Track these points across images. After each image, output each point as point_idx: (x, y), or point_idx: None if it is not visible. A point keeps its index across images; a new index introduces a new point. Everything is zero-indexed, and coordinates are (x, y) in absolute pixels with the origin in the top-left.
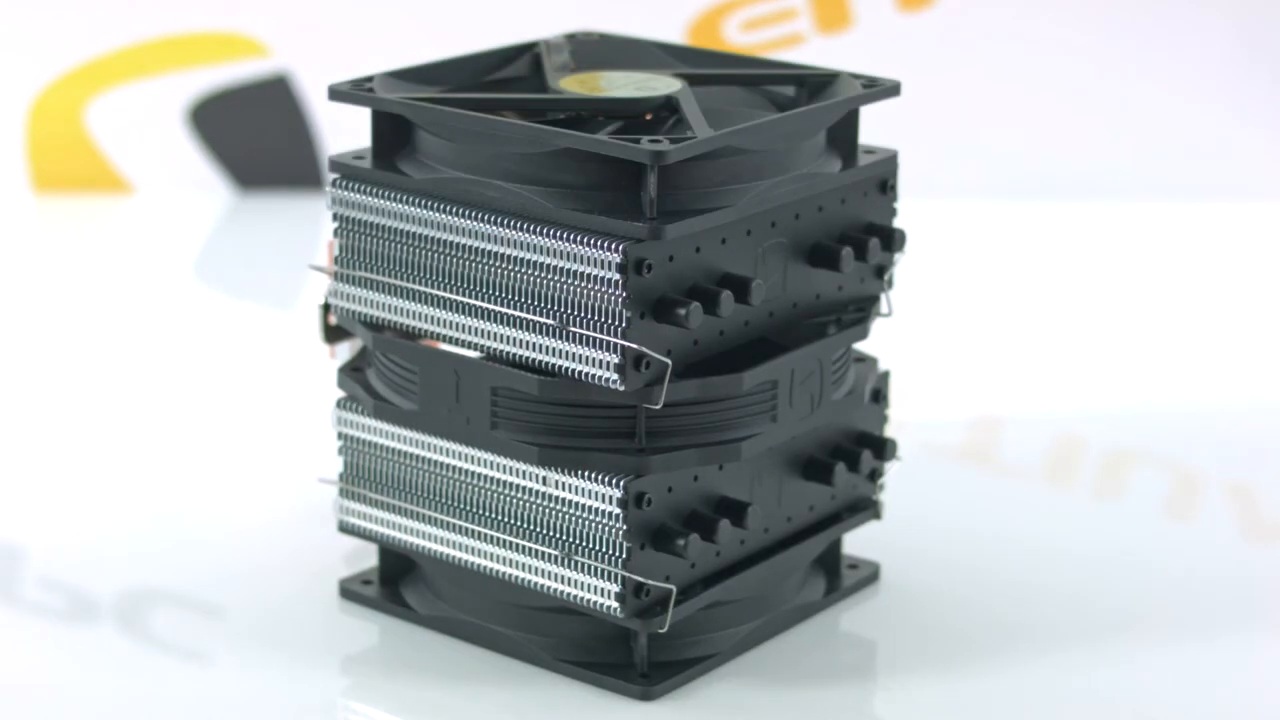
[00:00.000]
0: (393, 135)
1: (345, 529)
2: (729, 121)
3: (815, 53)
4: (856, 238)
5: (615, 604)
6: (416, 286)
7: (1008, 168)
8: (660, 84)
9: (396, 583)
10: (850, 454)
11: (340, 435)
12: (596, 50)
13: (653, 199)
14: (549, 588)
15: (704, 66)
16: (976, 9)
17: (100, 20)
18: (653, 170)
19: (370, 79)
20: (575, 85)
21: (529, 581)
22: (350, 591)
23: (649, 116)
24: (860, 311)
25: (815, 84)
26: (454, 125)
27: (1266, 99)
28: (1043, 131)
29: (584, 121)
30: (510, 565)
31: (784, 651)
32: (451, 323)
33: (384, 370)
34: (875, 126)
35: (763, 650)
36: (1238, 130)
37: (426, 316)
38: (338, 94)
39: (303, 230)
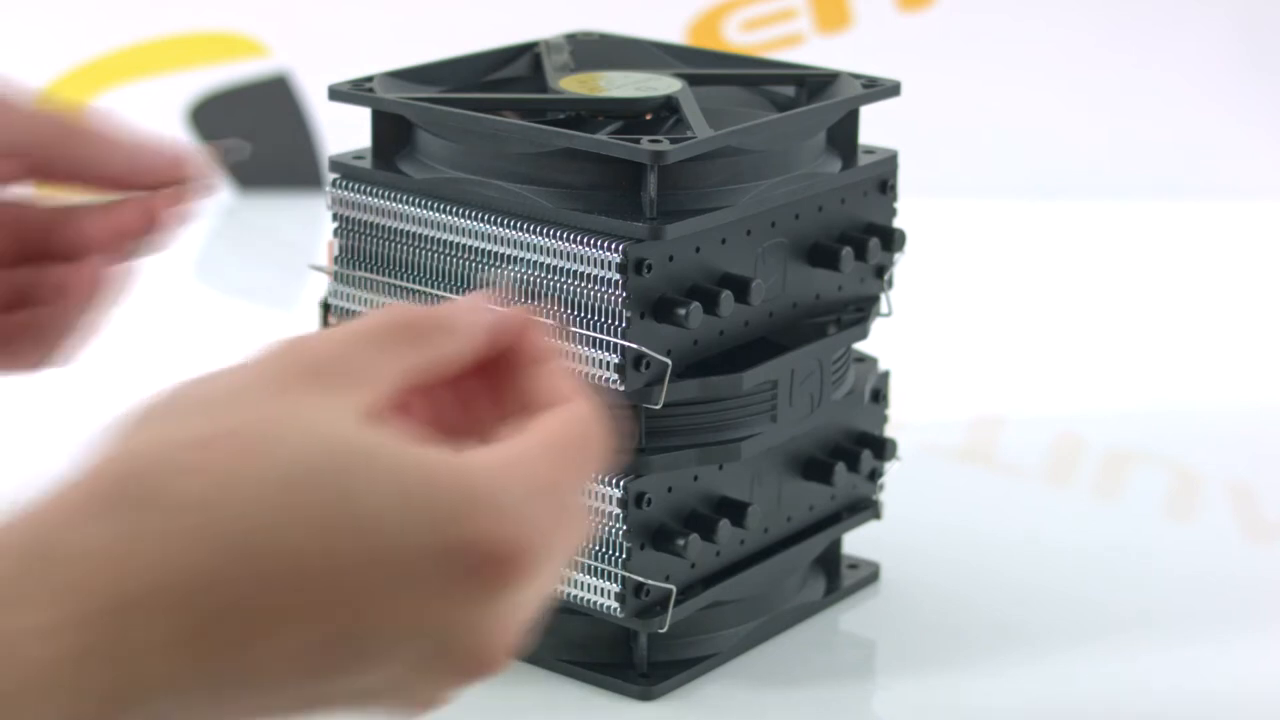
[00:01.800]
0: (392, 135)
1: None
2: (729, 121)
3: (815, 53)
4: (856, 238)
5: (615, 604)
6: (416, 286)
7: (1008, 168)
8: (660, 84)
9: None
10: (850, 454)
11: None
12: (596, 50)
13: (653, 199)
14: None
15: (704, 66)
16: (976, 9)
17: (100, 20)
18: (653, 170)
19: (370, 79)
20: (575, 85)
21: None
22: None
23: (649, 116)
24: (860, 312)
25: (815, 84)
26: (453, 125)
27: (1266, 99)
28: (1043, 131)
29: (584, 121)
30: None
31: (784, 651)
32: None
33: None
34: (875, 126)
35: (763, 650)
36: (1238, 130)
37: None
38: (338, 94)
39: (303, 230)
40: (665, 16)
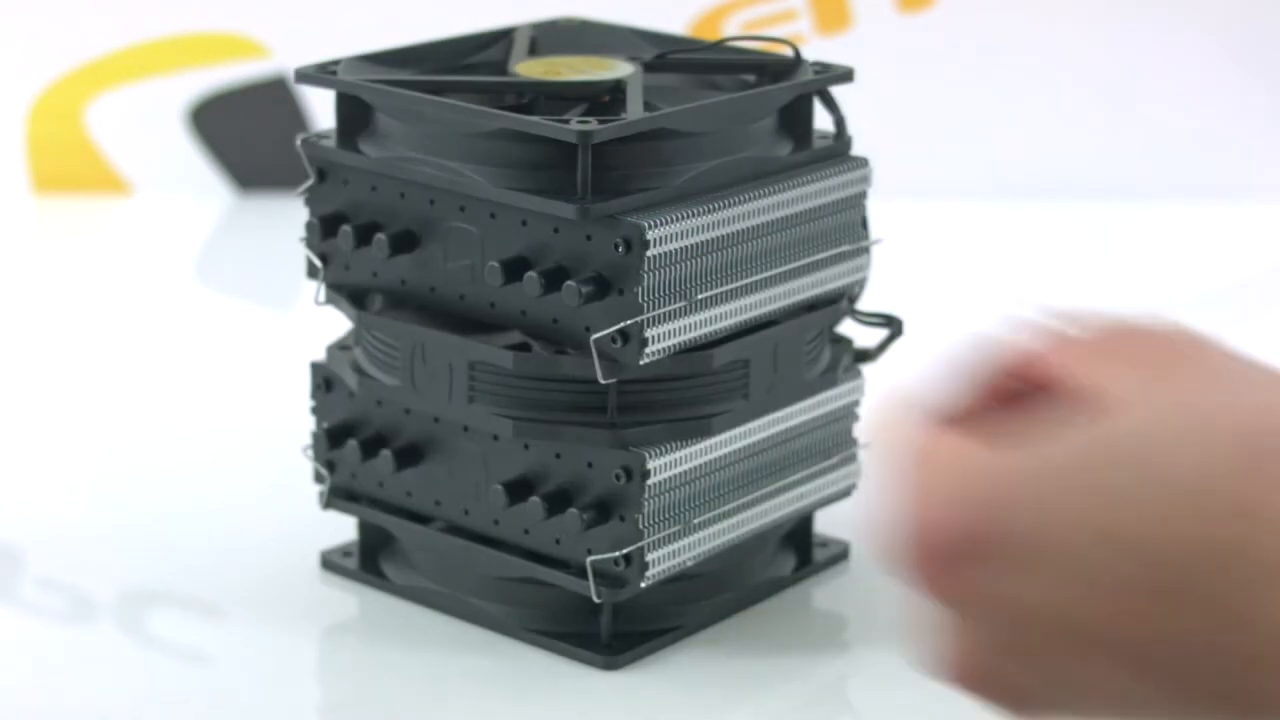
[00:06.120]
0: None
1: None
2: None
3: (815, 53)
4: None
5: None
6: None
7: (1008, 168)
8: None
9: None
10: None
11: None
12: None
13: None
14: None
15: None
16: (977, 9)
17: (100, 20)
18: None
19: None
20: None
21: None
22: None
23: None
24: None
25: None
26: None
27: (1266, 99)
28: (1043, 131)
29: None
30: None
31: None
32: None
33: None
34: (874, 126)
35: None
36: (1238, 130)
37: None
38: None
39: (302, 230)
40: (665, 17)
